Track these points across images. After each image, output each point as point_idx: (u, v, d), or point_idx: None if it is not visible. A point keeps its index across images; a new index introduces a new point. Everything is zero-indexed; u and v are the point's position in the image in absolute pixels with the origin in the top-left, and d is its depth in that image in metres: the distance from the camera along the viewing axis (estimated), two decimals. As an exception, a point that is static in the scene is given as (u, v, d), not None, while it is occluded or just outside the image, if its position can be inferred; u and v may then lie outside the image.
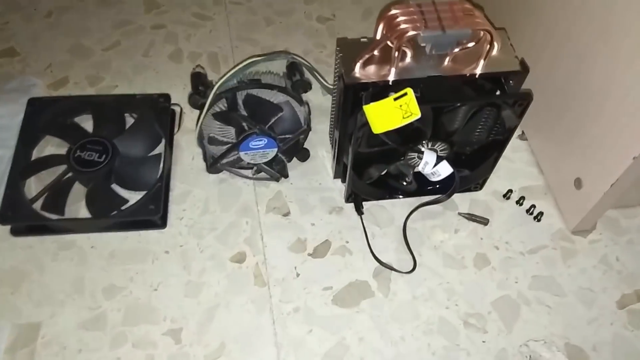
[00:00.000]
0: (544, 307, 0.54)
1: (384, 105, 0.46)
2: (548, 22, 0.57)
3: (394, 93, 0.46)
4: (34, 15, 0.75)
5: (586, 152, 0.54)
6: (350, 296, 0.53)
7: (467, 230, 0.58)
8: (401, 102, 0.46)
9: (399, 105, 0.46)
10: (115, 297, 0.52)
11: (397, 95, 0.45)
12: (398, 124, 0.46)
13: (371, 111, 0.46)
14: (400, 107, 0.46)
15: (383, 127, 0.46)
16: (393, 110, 0.46)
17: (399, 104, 0.46)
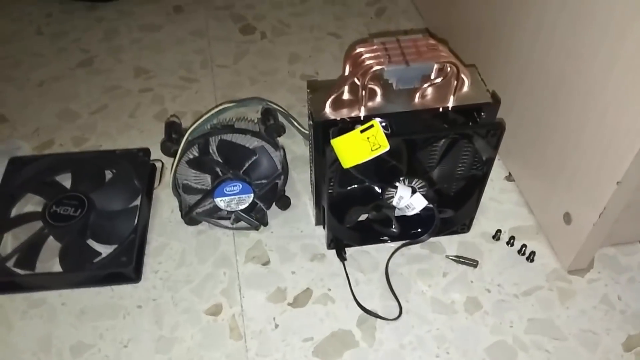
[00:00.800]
0: (543, 353, 0.50)
1: (351, 138, 0.45)
2: (520, 59, 0.57)
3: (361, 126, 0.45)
4: (26, 84, 0.78)
5: (571, 185, 0.52)
6: (332, 347, 0.50)
7: (455, 273, 0.55)
8: (368, 135, 0.45)
9: (367, 137, 0.45)
10: (83, 355, 0.49)
11: (364, 128, 0.45)
12: (367, 156, 0.45)
13: (339, 145, 0.45)
14: (367, 140, 0.45)
15: (352, 160, 0.45)
16: (361, 142, 0.45)
17: (366, 136, 0.45)
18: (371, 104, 0.48)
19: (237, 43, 0.85)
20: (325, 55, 0.82)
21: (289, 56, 0.82)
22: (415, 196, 0.51)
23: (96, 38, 0.86)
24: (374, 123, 0.45)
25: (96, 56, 0.83)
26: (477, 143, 0.49)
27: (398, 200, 0.52)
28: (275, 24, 0.88)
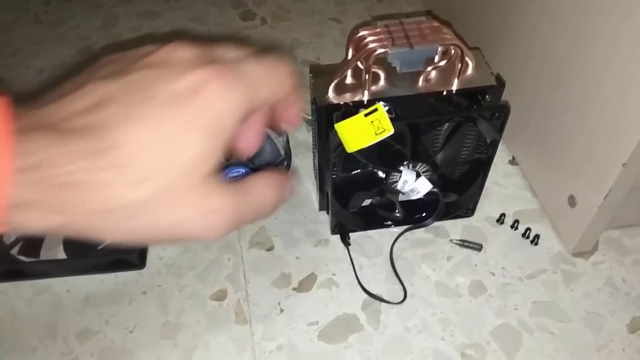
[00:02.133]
0: (547, 335, 0.50)
1: (355, 122, 0.45)
2: (524, 42, 0.57)
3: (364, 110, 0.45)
4: (26, 72, 0.77)
5: (576, 167, 0.52)
6: (337, 331, 0.50)
7: (460, 257, 0.55)
8: (372, 118, 0.45)
9: (371, 121, 0.45)
10: (89, 341, 0.49)
11: (368, 111, 0.45)
12: (371, 140, 0.45)
13: (343, 129, 0.45)
14: (372, 124, 0.45)
15: (356, 145, 0.45)
16: (365, 127, 0.45)
17: (370, 120, 0.45)
18: (375, 87, 0.47)
19: (238, 29, 0.84)
20: (326, 41, 0.81)
21: (290, 42, 0.81)
22: (420, 180, 0.51)
23: (95, 25, 0.85)
24: (378, 107, 0.45)
25: (95, 43, 0.82)
26: (481, 126, 0.49)
27: (402, 184, 0.52)
28: (276, 9, 0.87)
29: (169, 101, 0.22)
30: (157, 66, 0.24)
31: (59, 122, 0.21)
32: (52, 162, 0.20)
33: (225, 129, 0.24)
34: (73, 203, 0.21)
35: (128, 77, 0.23)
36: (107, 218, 0.22)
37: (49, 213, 0.21)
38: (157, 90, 0.23)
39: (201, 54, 0.25)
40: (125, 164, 0.21)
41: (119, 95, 0.22)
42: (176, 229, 0.24)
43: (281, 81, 0.27)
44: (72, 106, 0.22)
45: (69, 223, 0.22)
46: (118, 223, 0.23)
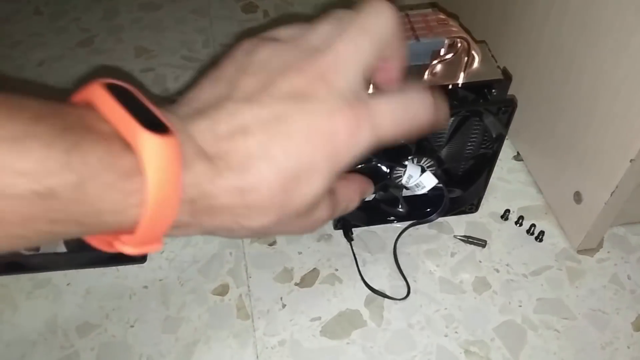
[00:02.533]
0: (552, 332, 0.49)
1: None
2: (531, 35, 0.56)
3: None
4: (26, 64, 0.76)
5: (582, 163, 0.51)
6: (340, 327, 0.50)
7: (464, 253, 0.55)
8: None
9: None
10: (89, 335, 0.49)
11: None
12: None
13: None
14: None
15: None
16: None
17: None
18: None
19: (240, 22, 0.84)
20: (329, 34, 0.80)
21: (292, 35, 0.80)
22: (425, 174, 0.51)
23: (96, 17, 0.84)
24: None
25: (96, 35, 0.81)
26: (487, 120, 0.48)
27: (407, 179, 0.51)
28: (278, 2, 0.86)
29: (303, 143, 0.25)
30: (301, 99, 0.26)
31: (210, 146, 0.25)
32: (206, 195, 0.24)
33: (342, 169, 0.27)
34: (214, 224, 0.26)
35: (271, 107, 0.25)
36: (232, 233, 0.28)
37: (193, 230, 0.26)
38: (295, 129, 0.25)
39: (346, 88, 0.27)
40: (258, 206, 0.25)
41: (261, 127, 0.25)
42: (280, 234, 0.32)
43: (411, 129, 0.30)
44: (218, 127, 0.25)
45: (203, 234, 0.27)
46: (239, 234, 0.28)
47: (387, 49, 0.30)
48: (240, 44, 0.29)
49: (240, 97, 0.25)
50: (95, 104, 0.24)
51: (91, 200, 0.22)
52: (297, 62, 0.27)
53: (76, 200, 0.21)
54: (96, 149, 0.22)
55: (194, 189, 0.24)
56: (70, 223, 0.22)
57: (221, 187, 0.24)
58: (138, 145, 0.22)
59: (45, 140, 0.21)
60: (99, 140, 0.22)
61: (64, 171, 0.21)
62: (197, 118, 0.25)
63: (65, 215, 0.22)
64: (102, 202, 0.22)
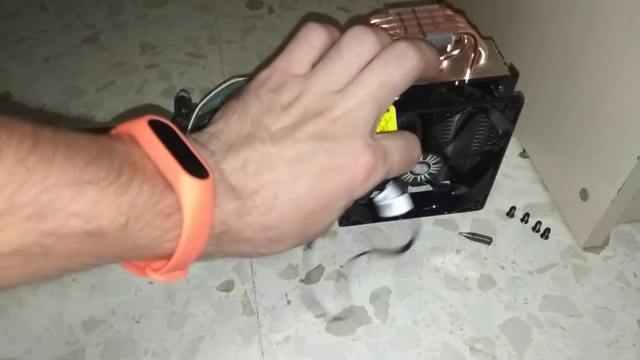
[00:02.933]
0: (557, 329, 0.49)
1: None
2: (537, 32, 0.56)
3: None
4: (32, 60, 0.76)
5: (589, 160, 0.51)
6: (345, 323, 0.50)
7: (469, 250, 0.55)
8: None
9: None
10: (95, 331, 0.49)
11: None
12: None
13: None
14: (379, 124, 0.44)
15: None
16: None
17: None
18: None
19: (244, 18, 0.83)
20: (334, 31, 0.80)
21: (297, 31, 0.80)
22: (400, 198, 0.51)
23: (101, 13, 0.84)
24: (391, 109, 0.43)
25: (101, 32, 0.81)
26: (494, 117, 0.48)
27: (382, 197, 0.52)
28: (283, -2, 0.86)
29: (327, 179, 0.27)
30: (322, 141, 0.28)
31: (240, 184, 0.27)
32: (233, 230, 0.27)
33: (359, 197, 0.30)
34: (231, 252, 0.29)
35: (295, 148, 0.27)
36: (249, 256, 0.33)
37: (216, 256, 0.29)
38: (318, 169, 0.27)
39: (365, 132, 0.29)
40: (278, 239, 0.28)
41: (285, 167, 0.27)
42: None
43: (408, 168, 0.35)
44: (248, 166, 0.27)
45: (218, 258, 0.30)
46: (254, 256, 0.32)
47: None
48: (261, 76, 0.32)
49: (267, 138, 0.28)
50: (139, 140, 0.26)
51: (134, 237, 0.24)
52: (319, 105, 0.29)
53: (121, 238, 0.23)
54: (143, 191, 0.24)
55: (223, 225, 0.26)
56: (111, 257, 0.24)
57: (247, 223, 0.27)
58: (179, 187, 0.24)
59: (98, 185, 0.23)
60: (145, 181, 0.24)
61: (113, 213, 0.23)
62: (228, 156, 0.27)
63: (108, 250, 0.24)
64: (143, 239, 0.24)
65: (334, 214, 0.29)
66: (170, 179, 0.24)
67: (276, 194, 0.27)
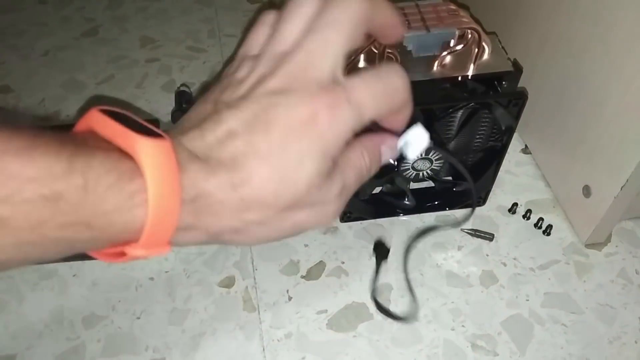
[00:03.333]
0: (559, 326, 0.49)
1: None
2: (541, 27, 0.56)
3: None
4: (31, 54, 0.76)
5: (592, 156, 0.51)
6: (346, 320, 0.50)
7: (471, 246, 0.55)
8: None
9: None
10: (96, 327, 0.49)
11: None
12: None
13: None
14: None
15: None
16: None
17: None
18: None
19: (245, 12, 0.83)
20: (335, 25, 0.80)
21: (298, 25, 0.80)
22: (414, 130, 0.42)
23: (100, 6, 0.84)
24: None
25: (101, 25, 0.81)
26: (497, 113, 0.48)
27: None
28: (284, -8, 0.86)
29: (286, 133, 0.27)
30: (277, 96, 0.27)
31: (202, 151, 0.26)
32: (204, 193, 0.25)
33: (334, 150, 0.28)
34: (217, 224, 0.26)
35: (250, 108, 0.27)
36: (240, 234, 0.28)
37: (200, 233, 0.27)
38: (276, 122, 0.27)
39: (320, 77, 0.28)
40: (254, 196, 0.26)
41: (244, 130, 0.26)
42: (298, 227, 0.29)
43: (391, 101, 0.30)
44: (207, 135, 0.27)
45: (212, 239, 0.28)
46: (249, 234, 0.28)
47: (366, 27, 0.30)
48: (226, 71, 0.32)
49: (223, 107, 0.27)
50: (94, 127, 0.25)
51: (96, 201, 0.23)
52: (271, 68, 0.28)
53: (82, 203, 0.23)
54: (97, 155, 0.23)
55: (192, 189, 0.25)
56: (79, 226, 0.23)
57: (215, 184, 0.26)
58: (135, 149, 0.24)
59: (50, 149, 0.22)
60: (99, 149, 0.24)
61: (69, 175, 0.22)
62: (187, 131, 0.27)
63: (73, 218, 0.23)
64: (107, 203, 0.23)
65: (310, 166, 0.27)
66: (126, 146, 0.24)
67: (239, 153, 0.26)
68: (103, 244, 0.25)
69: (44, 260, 0.25)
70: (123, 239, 0.25)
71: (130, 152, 0.24)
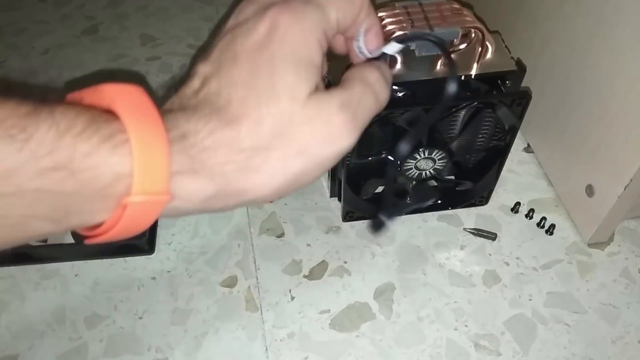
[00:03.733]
0: (562, 326, 0.49)
1: None
2: (544, 26, 0.55)
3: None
4: (31, 52, 0.76)
5: (595, 156, 0.51)
6: (349, 319, 0.49)
7: (473, 246, 0.55)
8: None
9: None
10: (98, 327, 0.49)
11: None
12: None
13: None
14: None
15: None
16: None
17: None
18: (391, 71, 0.46)
19: (246, 10, 0.82)
20: (337, 23, 0.79)
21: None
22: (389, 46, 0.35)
23: (101, 4, 0.83)
24: None
25: (101, 23, 0.80)
26: (500, 112, 0.47)
27: None
28: (285, -10, 0.85)
29: (251, 53, 0.26)
30: (234, 28, 0.27)
31: (182, 103, 0.25)
32: (192, 131, 0.24)
33: (307, 53, 0.26)
34: (217, 164, 0.24)
35: (217, 48, 0.27)
36: (248, 173, 0.25)
37: (204, 180, 0.24)
38: (239, 48, 0.26)
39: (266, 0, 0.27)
40: (238, 117, 0.25)
41: (215, 69, 0.26)
42: (307, 150, 0.26)
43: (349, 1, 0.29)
44: (185, 91, 0.26)
45: (219, 190, 0.25)
46: (258, 172, 0.25)
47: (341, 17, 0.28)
48: None
49: (195, 72, 0.27)
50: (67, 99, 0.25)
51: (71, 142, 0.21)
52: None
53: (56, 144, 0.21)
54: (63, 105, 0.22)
55: (176, 130, 0.24)
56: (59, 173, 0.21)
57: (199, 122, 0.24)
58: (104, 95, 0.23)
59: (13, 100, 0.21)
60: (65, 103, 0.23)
61: (35, 115, 0.21)
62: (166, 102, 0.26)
63: (49, 161, 0.21)
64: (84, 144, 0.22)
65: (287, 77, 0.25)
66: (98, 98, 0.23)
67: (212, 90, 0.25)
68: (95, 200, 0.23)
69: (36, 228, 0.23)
70: (118, 193, 0.23)
71: (99, 100, 0.23)
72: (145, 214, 0.24)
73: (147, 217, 0.24)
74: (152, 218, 0.24)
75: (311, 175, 0.27)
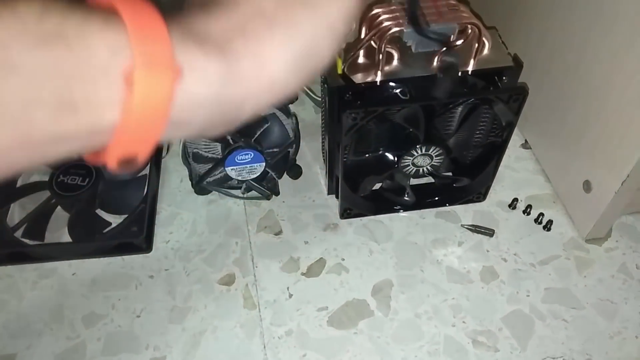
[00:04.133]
0: (560, 322, 0.49)
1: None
2: (541, 21, 0.55)
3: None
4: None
5: (593, 151, 0.51)
6: (347, 316, 0.49)
7: (471, 242, 0.55)
8: None
9: None
10: (96, 326, 0.49)
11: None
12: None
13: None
14: None
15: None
16: None
17: None
18: (388, 67, 0.46)
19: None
20: (334, 20, 0.79)
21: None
22: None
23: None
24: None
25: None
26: (497, 108, 0.47)
27: None
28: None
29: None
30: None
31: None
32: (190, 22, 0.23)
33: None
34: (222, 32, 0.23)
35: None
36: (256, 43, 0.23)
37: (209, 49, 0.22)
38: None
39: None
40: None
41: None
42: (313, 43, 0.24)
43: None
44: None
45: (230, 68, 0.23)
46: (266, 44, 0.23)
47: None
48: None
49: None
50: None
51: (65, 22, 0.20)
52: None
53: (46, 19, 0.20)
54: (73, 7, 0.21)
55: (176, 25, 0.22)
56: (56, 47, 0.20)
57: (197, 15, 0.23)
58: None
59: None
60: None
61: None
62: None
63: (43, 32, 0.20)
64: (82, 28, 0.20)
65: None
66: None
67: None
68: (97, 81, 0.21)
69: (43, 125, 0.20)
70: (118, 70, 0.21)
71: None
72: (156, 101, 0.21)
73: (159, 107, 0.21)
74: (165, 109, 0.21)
75: (323, 45, 0.25)
